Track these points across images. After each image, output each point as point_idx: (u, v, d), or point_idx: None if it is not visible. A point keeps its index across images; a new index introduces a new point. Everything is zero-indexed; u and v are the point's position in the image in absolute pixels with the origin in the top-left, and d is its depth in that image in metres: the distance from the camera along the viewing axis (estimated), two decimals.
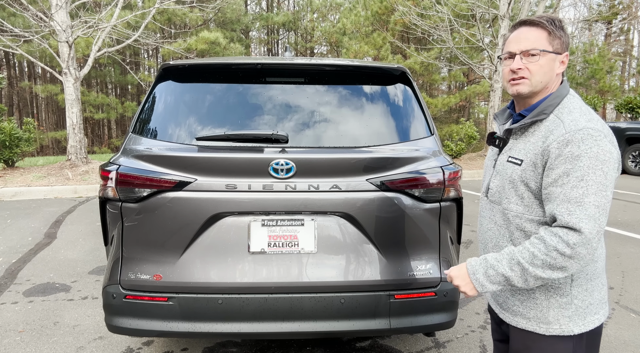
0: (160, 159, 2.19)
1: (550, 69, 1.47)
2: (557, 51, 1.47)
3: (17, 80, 26.58)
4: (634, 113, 13.27)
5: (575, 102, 1.46)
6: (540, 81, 1.48)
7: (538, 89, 1.50)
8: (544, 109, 1.45)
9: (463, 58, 13.72)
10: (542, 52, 1.45)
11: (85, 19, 10.32)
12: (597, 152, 1.30)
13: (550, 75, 1.48)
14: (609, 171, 1.30)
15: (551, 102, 1.46)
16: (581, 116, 1.39)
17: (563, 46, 1.47)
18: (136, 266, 2.21)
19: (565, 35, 1.47)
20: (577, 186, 1.30)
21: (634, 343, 2.96)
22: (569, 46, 1.49)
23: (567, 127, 1.37)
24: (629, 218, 6.48)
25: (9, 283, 4.03)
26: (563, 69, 1.50)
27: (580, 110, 1.42)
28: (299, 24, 29.01)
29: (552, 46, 1.46)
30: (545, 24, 1.46)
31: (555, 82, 1.51)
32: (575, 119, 1.38)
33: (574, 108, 1.43)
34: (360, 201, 2.20)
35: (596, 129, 1.34)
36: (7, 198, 8.17)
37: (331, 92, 2.41)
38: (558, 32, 1.46)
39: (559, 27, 1.46)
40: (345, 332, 2.25)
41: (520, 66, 1.48)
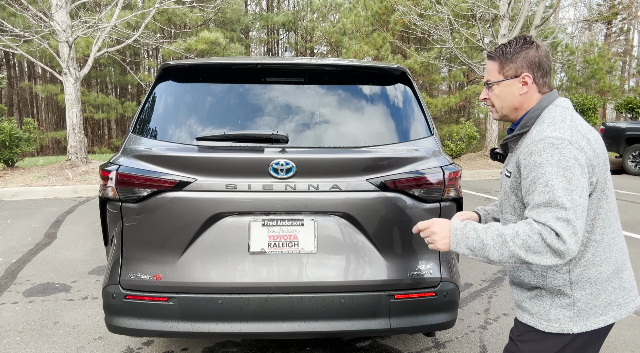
0: (160, 159, 2.19)
1: (509, 93, 1.59)
2: (511, 76, 1.58)
3: (17, 80, 26.58)
4: (634, 113, 13.26)
5: (552, 113, 1.51)
6: (502, 107, 1.63)
7: (505, 112, 1.64)
8: (525, 122, 1.55)
9: (463, 58, 13.72)
10: (494, 83, 1.61)
11: (85, 19, 10.32)
12: (558, 159, 1.36)
13: (512, 99, 1.59)
14: (573, 176, 1.35)
15: (532, 115, 1.54)
16: (549, 126, 1.45)
17: (519, 68, 1.56)
18: (136, 266, 2.21)
19: (522, 58, 1.56)
20: (543, 192, 1.36)
21: (634, 343, 2.96)
22: (533, 62, 1.56)
23: (532, 138, 1.45)
24: (629, 218, 6.48)
25: (9, 283, 4.03)
26: (526, 89, 1.57)
27: (552, 120, 1.47)
28: (299, 24, 29.00)
29: (503, 74, 1.59)
30: (495, 56, 1.61)
31: (531, 99, 1.58)
32: (542, 129, 1.45)
33: (547, 118, 1.49)
34: (360, 201, 2.20)
35: (559, 138, 1.39)
36: (7, 198, 8.17)
37: (331, 92, 2.41)
38: (510, 58, 1.57)
39: (514, 52, 1.56)
40: (345, 332, 2.25)
41: (484, 95, 1.67)
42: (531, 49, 1.56)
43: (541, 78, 1.57)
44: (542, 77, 1.57)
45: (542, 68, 1.56)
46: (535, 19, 13.14)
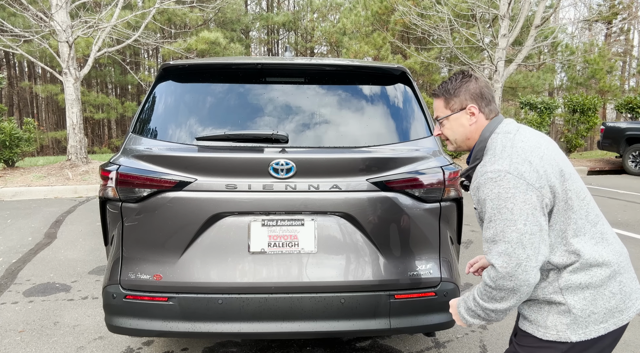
0: (161, 159, 2.19)
1: (459, 125, 1.67)
2: (457, 109, 1.66)
3: (17, 80, 26.58)
4: (634, 113, 13.25)
5: (494, 143, 1.56)
6: (456, 139, 1.71)
7: (459, 144, 1.72)
8: (475, 155, 1.63)
9: (463, 58, 13.72)
10: (444, 119, 1.70)
11: (85, 19, 10.32)
12: (498, 192, 1.40)
13: (463, 130, 1.67)
14: (514, 205, 1.37)
15: (479, 147, 1.62)
16: (490, 159, 1.50)
17: (463, 101, 1.65)
18: (136, 266, 2.21)
19: (464, 91, 1.64)
20: (488, 228, 1.43)
21: (634, 343, 2.96)
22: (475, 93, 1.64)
23: (476, 173, 1.52)
24: (629, 218, 6.48)
25: (9, 283, 4.03)
26: (475, 119, 1.64)
27: (493, 152, 1.52)
28: (299, 24, 29.00)
29: (450, 109, 1.68)
30: (439, 94, 1.71)
31: (481, 127, 1.65)
32: (484, 163, 1.51)
33: (489, 150, 1.55)
34: (360, 201, 2.20)
35: (496, 171, 1.43)
36: (7, 198, 8.17)
37: (331, 92, 2.41)
38: (453, 93, 1.65)
39: (455, 87, 1.66)
40: (345, 332, 2.25)
41: (437, 132, 1.77)
42: (471, 82, 1.64)
43: (486, 107, 1.64)
44: (487, 106, 1.65)
45: (485, 97, 1.64)
46: (535, 19, 13.13)
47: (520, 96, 14.53)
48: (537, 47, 18.79)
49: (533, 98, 13.59)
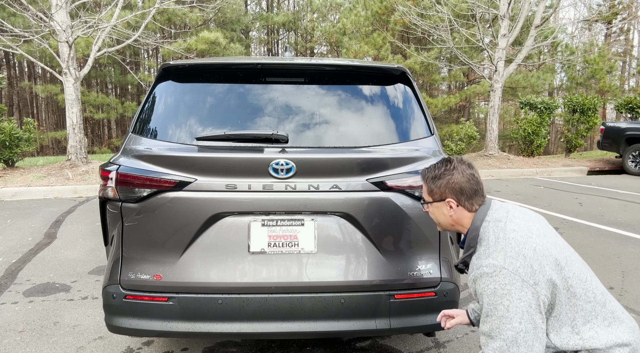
0: (160, 159, 2.19)
1: (440, 213, 1.75)
2: (437, 199, 1.73)
3: (17, 80, 26.58)
4: (634, 113, 13.25)
5: (487, 232, 1.58)
6: (439, 223, 1.80)
7: (445, 227, 1.79)
8: (469, 244, 1.65)
9: (463, 58, 13.72)
10: (427, 203, 1.79)
11: (85, 19, 10.32)
12: (494, 288, 1.42)
13: (445, 218, 1.74)
14: (510, 303, 1.39)
15: (472, 236, 1.64)
16: (485, 251, 1.52)
17: (443, 193, 1.71)
18: (136, 266, 2.21)
19: (444, 185, 1.70)
20: (485, 322, 1.45)
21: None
22: (454, 189, 1.69)
23: (472, 265, 1.54)
24: (629, 218, 6.48)
25: (9, 283, 4.03)
26: (453, 211, 1.69)
27: (487, 243, 1.54)
28: (299, 24, 29.00)
29: (431, 197, 1.76)
30: (423, 178, 1.79)
31: (464, 218, 1.69)
32: (479, 255, 1.54)
33: (483, 241, 1.58)
34: (360, 201, 2.20)
35: (492, 265, 1.45)
36: (7, 198, 8.17)
37: (331, 92, 2.41)
38: (435, 184, 1.71)
39: (437, 177, 1.72)
40: (345, 332, 2.24)
41: (425, 209, 1.84)
42: (453, 176, 1.69)
43: (466, 201, 1.68)
44: (468, 200, 1.68)
45: (465, 192, 1.68)
46: (535, 19, 13.14)
47: (520, 96, 14.54)
48: (537, 47, 18.80)
49: (533, 98, 13.59)
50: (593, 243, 5.24)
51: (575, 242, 5.27)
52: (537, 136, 13.38)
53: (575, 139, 13.86)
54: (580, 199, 7.94)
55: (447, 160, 1.74)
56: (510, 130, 16.39)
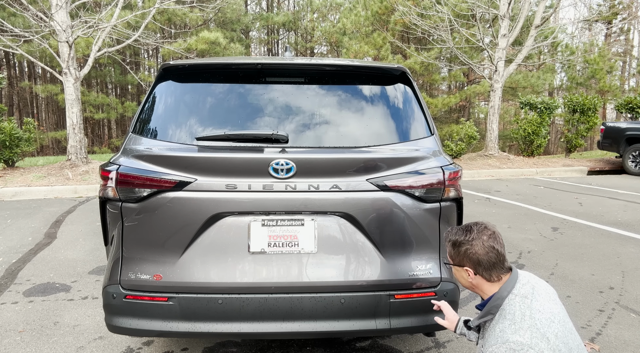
0: (161, 159, 2.19)
1: (460, 277, 1.81)
2: (456, 264, 1.79)
3: (17, 80, 26.58)
4: (634, 113, 13.25)
5: (513, 306, 1.62)
6: (461, 283, 1.84)
7: (466, 287, 1.84)
8: (489, 310, 1.69)
9: (463, 58, 13.72)
10: (449, 264, 1.83)
11: (85, 19, 10.32)
12: None
13: (464, 281, 1.79)
14: None
15: (494, 304, 1.68)
16: (510, 325, 1.55)
17: (462, 261, 1.76)
18: (136, 266, 2.21)
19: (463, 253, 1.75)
20: None
21: (634, 343, 2.96)
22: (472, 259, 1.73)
23: (496, 338, 1.56)
24: (629, 218, 6.48)
25: (9, 283, 4.03)
26: (472, 279, 1.75)
27: (513, 317, 1.58)
28: (299, 24, 29.01)
29: (452, 260, 1.81)
30: (447, 242, 1.84)
31: (486, 285, 1.74)
32: (504, 329, 1.56)
33: (507, 314, 1.61)
34: (360, 201, 2.20)
35: (519, 343, 1.48)
36: (7, 198, 8.17)
37: (331, 92, 2.41)
38: (455, 250, 1.77)
39: (457, 244, 1.77)
40: (345, 332, 2.24)
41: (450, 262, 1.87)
42: (471, 246, 1.73)
43: (484, 272, 1.72)
44: (486, 271, 1.72)
45: (482, 264, 1.71)
46: (535, 19, 13.14)
47: (520, 96, 14.53)
48: (537, 47, 18.80)
49: (533, 98, 13.59)
50: (593, 243, 5.24)
51: (575, 242, 5.27)
52: (537, 136, 13.38)
53: (575, 139, 13.86)
54: (581, 199, 7.94)
55: (469, 229, 1.77)
56: (510, 130, 16.39)
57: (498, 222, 6.26)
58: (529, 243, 5.25)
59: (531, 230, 5.85)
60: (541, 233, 5.70)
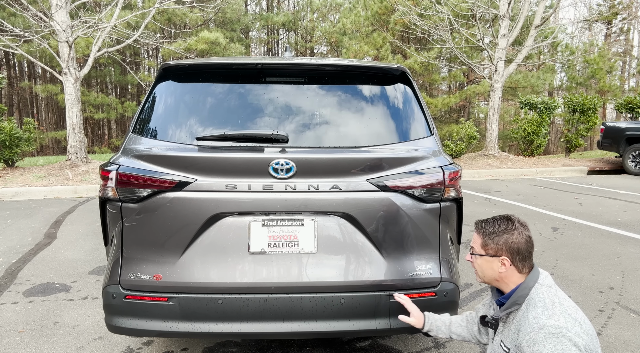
0: (160, 159, 2.19)
1: (489, 268, 1.77)
2: (491, 254, 1.75)
3: (17, 80, 26.58)
4: (634, 113, 13.25)
5: (541, 294, 1.64)
6: (484, 276, 1.81)
7: (487, 281, 1.81)
8: (516, 300, 1.69)
9: (463, 58, 13.72)
10: (477, 255, 1.80)
11: (85, 19, 10.32)
12: (561, 349, 1.47)
13: (492, 273, 1.76)
14: None
15: (521, 293, 1.68)
16: (543, 311, 1.57)
17: (499, 250, 1.74)
18: (136, 266, 2.21)
19: (502, 242, 1.72)
20: None
21: (634, 343, 2.96)
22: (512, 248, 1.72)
23: (531, 325, 1.56)
24: (629, 218, 6.48)
25: (9, 283, 4.03)
26: (505, 269, 1.73)
27: (544, 304, 1.60)
28: (299, 24, 29.01)
29: (485, 250, 1.77)
30: (480, 231, 1.80)
31: (511, 276, 1.73)
32: (537, 315, 1.57)
33: (538, 301, 1.63)
34: (360, 201, 2.20)
35: (556, 326, 1.51)
36: (7, 198, 8.17)
37: (331, 92, 2.41)
38: (492, 238, 1.73)
39: (496, 233, 1.73)
40: (345, 332, 2.24)
41: (469, 258, 1.87)
42: (512, 235, 1.72)
43: (520, 262, 1.72)
44: (521, 261, 1.72)
45: (521, 253, 1.72)
46: (535, 19, 13.14)
47: (520, 96, 14.53)
48: (537, 47, 18.80)
49: (533, 98, 13.59)
50: (593, 243, 5.24)
51: (575, 242, 5.27)
52: (537, 136, 13.38)
53: (575, 139, 13.86)
54: (580, 199, 7.94)
55: (509, 218, 1.77)
56: (510, 130, 16.39)
57: None
58: None
59: (531, 229, 5.82)
60: (541, 233, 5.70)
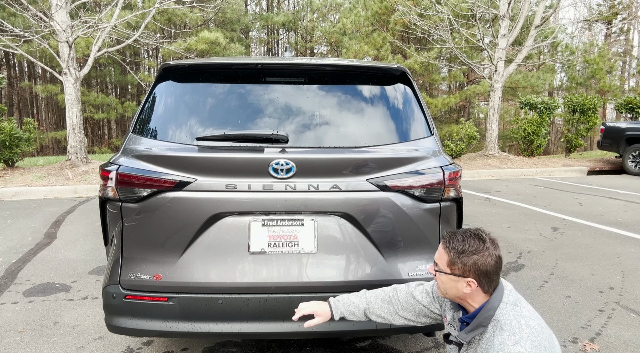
0: (160, 159, 2.19)
1: (453, 287, 1.66)
2: (457, 274, 1.64)
3: (17, 80, 26.58)
4: (634, 113, 13.25)
5: (507, 316, 1.57)
6: (446, 293, 1.71)
7: (449, 298, 1.72)
8: (480, 322, 1.60)
9: (463, 58, 13.72)
10: (442, 272, 1.68)
11: (85, 19, 10.32)
12: None
13: (456, 292, 1.66)
14: None
15: (486, 315, 1.60)
16: (510, 337, 1.51)
17: (466, 272, 1.63)
18: (136, 266, 2.21)
19: (471, 264, 1.61)
20: None
21: (634, 344, 2.96)
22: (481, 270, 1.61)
23: (494, 349, 1.51)
24: (629, 218, 6.48)
25: (9, 283, 4.03)
26: (470, 290, 1.63)
27: (510, 328, 1.53)
28: (299, 24, 29.01)
29: (451, 270, 1.66)
30: (448, 247, 1.67)
31: (475, 297, 1.65)
32: (503, 341, 1.51)
33: (504, 324, 1.55)
34: (360, 201, 2.20)
35: None
36: (7, 198, 8.17)
37: (331, 92, 2.41)
38: (461, 259, 1.62)
39: (465, 253, 1.62)
40: (345, 332, 2.25)
41: (432, 271, 1.76)
42: (482, 256, 1.61)
43: (486, 284, 1.63)
44: (488, 283, 1.63)
45: (489, 276, 1.62)
46: (535, 19, 13.14)
47: (520, 96, 14.54)
48: (537, 47, 18.81)
49: (533, 98, 13.59)
50: (593, 243, 5.24)
51: (575, 242, 5.27)
52: (537, 136, 13.38)
53: (575, 139, 13.86)
54: (580, 199, 7.95)
55: (480, 237, 1.65)
56: (510, 130, 16.39)
57: (498, 222, 6.26)
58: (529, 243, 5.25)
59: (531, 230, 5.85)
60: (541, 233, 5.70)
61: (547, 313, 3.38)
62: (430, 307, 1.94)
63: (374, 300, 2.01)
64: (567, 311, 3.42)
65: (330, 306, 2.02)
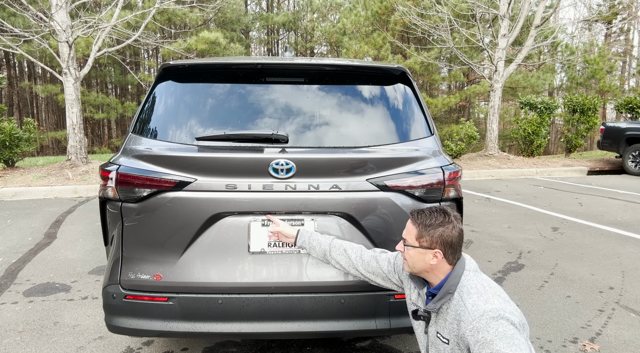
0: (160, 159, 2.19)
1: (421, 260, 1.77)
2: (425, 247, 1.76)
3: (17, 80, 26.58)
4: (634, 113, 13.24)
5: (471, 281, 1.70)
6: (414, 267, 1.81)
7: (416, 272, 1.82)
8: (448, 289, 1.72)
9: (463, 58, 13.72)
10: (410, 246, 1.79)
11: (85, 19, 10.32)
12: (503, 331, 1.50)
13: (423, 265, 1.77)
14: (520, 342, 1.49)
15: (452, 282, 1.72)
16: (479, 297, 1.62)
17: (433, 243, 1.75)
18: (136, 266, 2.21)
19: (437, 235, 1.74)
20: None
21: (634, 344, 2.96)
22: (446, 241, 1.74)
23: (471, 314, 1.59)
24: (629, 218, 6.48)
25: (9, 283, 4.03)
26: (437, 261, 1.75)
27: (477, 290, 1.65)
28: (299, 24, 29.01)
29: (419, 243, 1.77)
30: (416, 223, 1.79)
31: (441, 268, 1.77)
32: (475, 302, 1.61)
33: (471, 288, 1.67)
34: (360, 201, 2.20)
35: (494, 310, 1.55)
36: (7, 198, 8.17)
37: (331, 92, 2.41)
38: (428, 232, 1.74)
39: (432, 226, 1.75)
40: (345, 332, 2.25)
41: (400, 248, 1.86)
42: (447, 228, 1.75)
43: (451, 255, 1.76)
44: (452, 254, 1.76)
45: (453, 247, 1.75)
46: (535, 19, 13.14)
47: (520, 96, 14.54)
48: (537, 47, 18.81)
49: (533, 98, 13.59)
50: (593, 243, 5.24)
51: (575, 242, 5.27)
52: (537, 136, 13.38)
53: (575, 139, 13.86)
54: (580, 199, 7.95)
55: (445, 211, 1.79)
56: (510, 130, 16.39)
57: (498, 222, 6.27)
58: (529, 243, 5.25)
59: (531, 229, 5.85)
60: (541, 233, 5.70)
61: (547, 313, 3.38)
62: (390, 276, 2.05)
63: (338, 246, 2.10)
64: (567, 311, 3.42)
65: (298, 232, 2.13)
